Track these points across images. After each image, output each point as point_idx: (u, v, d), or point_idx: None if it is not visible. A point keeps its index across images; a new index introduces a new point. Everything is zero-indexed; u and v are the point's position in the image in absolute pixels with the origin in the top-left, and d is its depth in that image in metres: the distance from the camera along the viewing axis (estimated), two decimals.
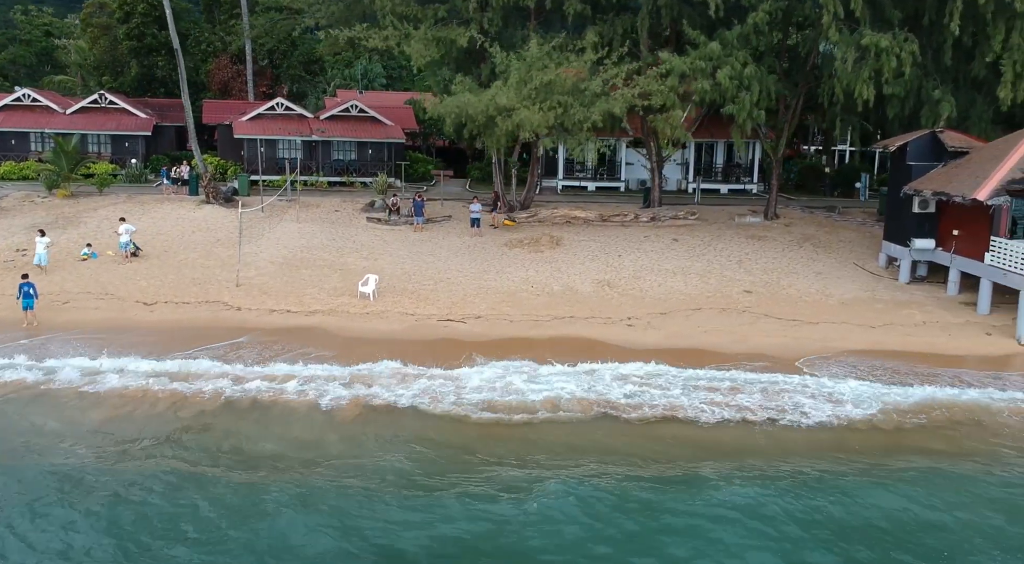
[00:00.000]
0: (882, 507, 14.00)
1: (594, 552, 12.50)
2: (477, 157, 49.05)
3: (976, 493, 14.61)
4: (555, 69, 27.84)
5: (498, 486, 14.38)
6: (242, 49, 50.76)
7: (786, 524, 13.31)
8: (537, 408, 17.77)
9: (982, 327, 23.84)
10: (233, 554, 12.17)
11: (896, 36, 27.16)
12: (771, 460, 15.71)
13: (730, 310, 25.39)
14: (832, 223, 35.96)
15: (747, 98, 29.53)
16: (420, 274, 27.94)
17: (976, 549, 12.83)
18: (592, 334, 22.98)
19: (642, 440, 16.57)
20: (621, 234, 33.40)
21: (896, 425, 17.54)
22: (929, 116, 28.27)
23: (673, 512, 13.61)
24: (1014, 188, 23.48)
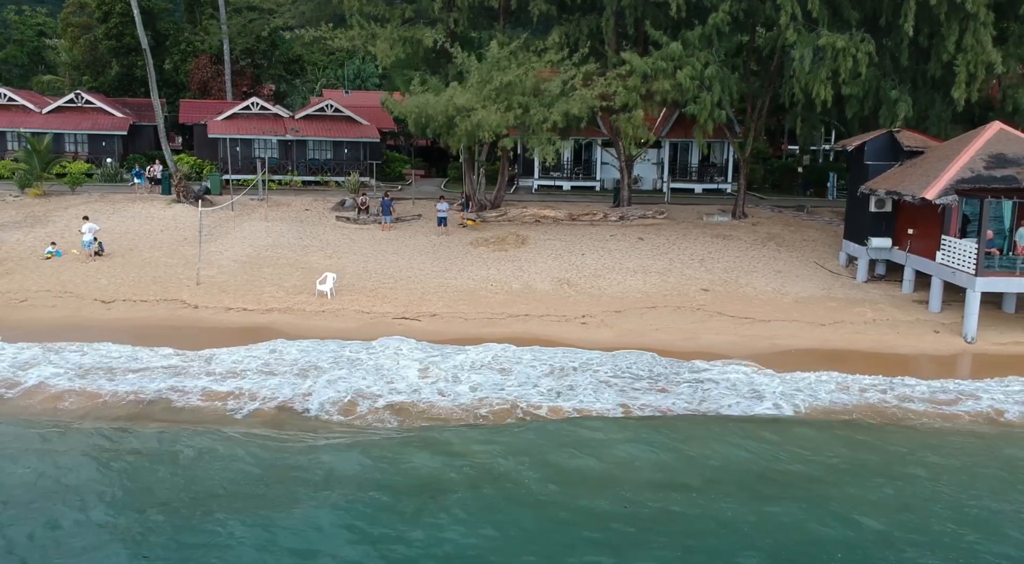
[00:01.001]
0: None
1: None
2: (458, 157, 49.32)
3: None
4: (516, 70, 28.05)
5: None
6: (222, 49, 50.86)
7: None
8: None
9: (931, 325, 24.10)
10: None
11: (853, 37, 27.41)
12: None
13: (685, 308, 25.64)
14: (799, 222, 36.21)
15: (708, 98, 29.76)
16: (381, 273, 28.17)
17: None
18: (544, 332, 23.21)
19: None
20: (588, 233, 33.62)
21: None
22: (887, 116, 28.53)
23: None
24: (963, 188, 23.73)
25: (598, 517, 13.09)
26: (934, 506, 13.79)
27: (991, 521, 13.42)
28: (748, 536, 12.70)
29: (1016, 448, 16.34)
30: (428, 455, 15.03)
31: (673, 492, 14.00)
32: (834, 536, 12.77)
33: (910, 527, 13.11)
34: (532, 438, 16.13)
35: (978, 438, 16.86)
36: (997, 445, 16.47)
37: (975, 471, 15.18)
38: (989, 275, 22.82)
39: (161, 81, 55.51)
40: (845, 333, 23.59)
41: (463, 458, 14.98)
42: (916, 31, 27.49)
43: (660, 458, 15.33)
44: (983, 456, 15.90)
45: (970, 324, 22.86)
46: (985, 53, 26.28)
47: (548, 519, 13.00)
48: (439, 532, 12.52)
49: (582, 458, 15.15)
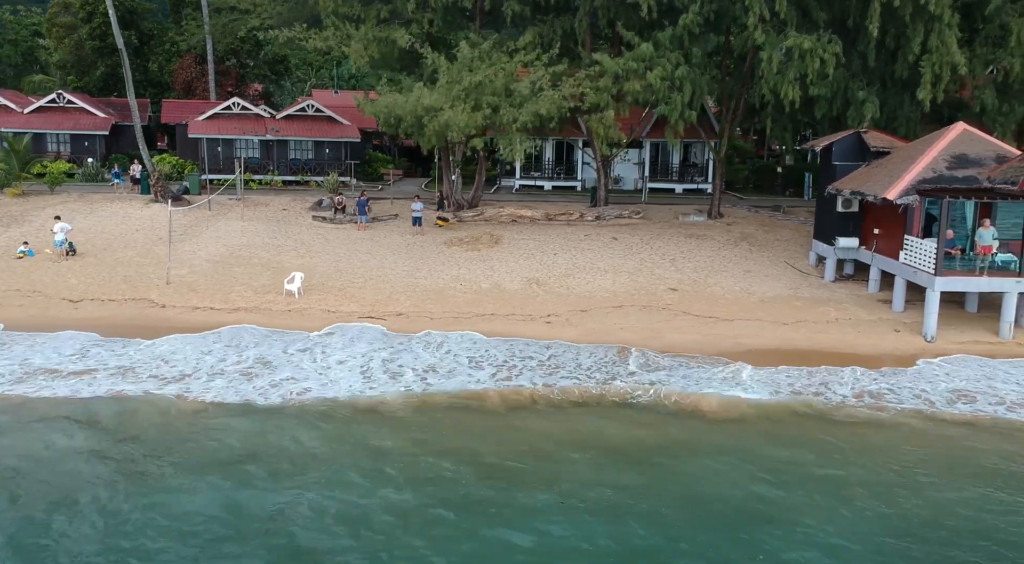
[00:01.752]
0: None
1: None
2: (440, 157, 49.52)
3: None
4: (485, 70, 28.22)
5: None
6: (205, 49, 50.96)
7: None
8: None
9: (893, 324, 24.30)
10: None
11: (821, 38, 27.60)
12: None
13: (651, 307, 25.82)
14: (773, 222, 36.42)
15: (678, 98, 29.95)
16: (352, 272, 28.33)
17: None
18: (508, 330, 23.39)
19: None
20: (563, 233, 33.80)
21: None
22: (855, 117, 28.74)
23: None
24: (924, 188, 23.93)
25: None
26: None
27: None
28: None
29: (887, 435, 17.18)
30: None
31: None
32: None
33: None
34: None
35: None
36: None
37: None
38: (948, 275, 23.01)
39: (146, 81, 55.76)
40: (807, 332, 23.77)
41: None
42: (883, 32, 27.72)
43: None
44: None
45: (930, 323, 23.05)
46: (950, 54, 26.48)
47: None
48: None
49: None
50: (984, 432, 17.64)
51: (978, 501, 14.47)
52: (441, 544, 12.64)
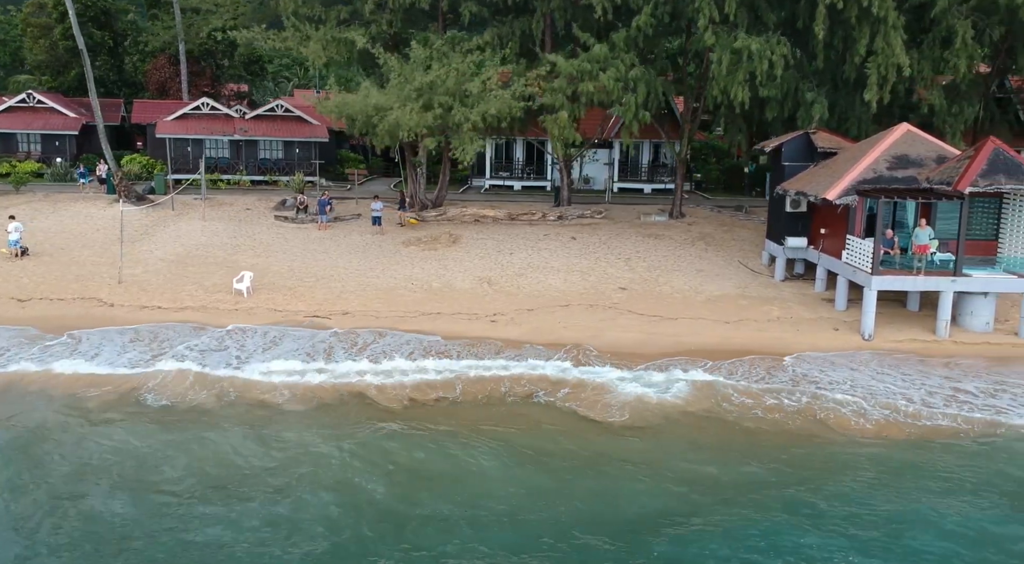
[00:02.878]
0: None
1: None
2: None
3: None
4: (437, 70, 28.44)
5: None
6: (180, 49, 51.07)
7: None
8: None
9: (833, 323, 24.57)
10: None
11: (769, 39, 27.86)
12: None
13: (598, 306, 26.06)
14: (734, 222, 36.70)
15: (632, 99, 30.19)
16: (305, 271, 28.54)
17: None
18: (452, 329, 23.62)
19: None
20: (523, 232, 34.04)
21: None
22: (805, 117, 29.01)
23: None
24: (863, 188, 24.20)
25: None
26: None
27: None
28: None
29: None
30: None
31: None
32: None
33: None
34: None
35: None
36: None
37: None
38: (884, 274, 23.29)
39: (120, 81, 55.97)
40: (747, 331, 24.03)
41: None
42: (831, 34, 27.99)
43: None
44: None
45: (867, 322, 23.33)
46: (895, 56, 26.75)
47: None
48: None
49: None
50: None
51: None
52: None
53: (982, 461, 16.46)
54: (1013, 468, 16.24)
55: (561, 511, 14.11)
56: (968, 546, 13.18)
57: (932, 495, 14.99)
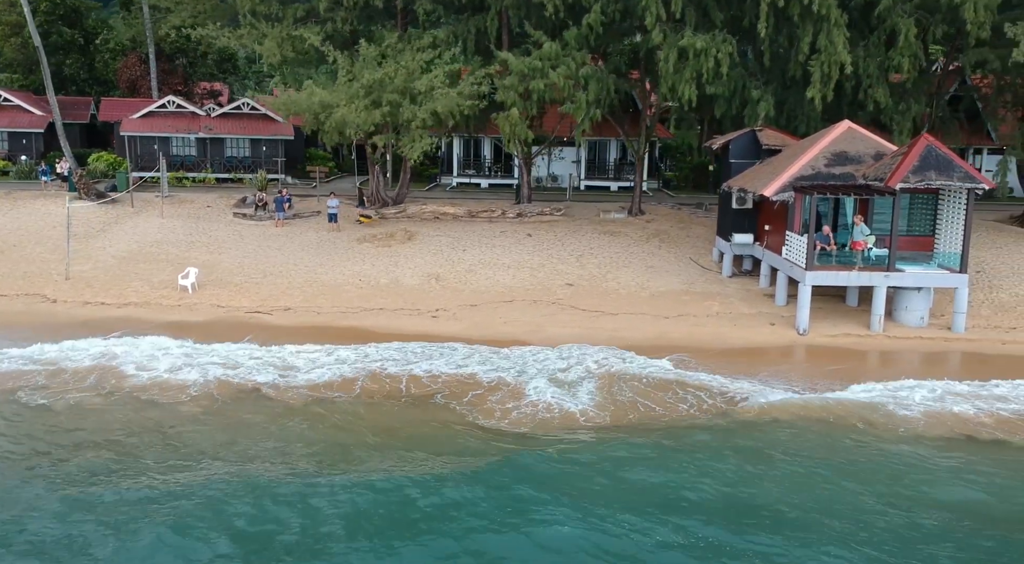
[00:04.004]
0: None
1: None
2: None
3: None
4: (385, 67, 28.59)
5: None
6: (154, 47, 51.02)
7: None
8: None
9: (771, 318, 24.83)
10: None
11: (715, 37, 28.08)
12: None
13: (542, 302, 26.28)
14: (692, 219, 36.91)
15: (583, 97, 30.38)
16: (254, 268, 28.70)
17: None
18: (390, 325, 23.81)
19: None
20: (480, 229, 34.22)
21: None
22: (751, 115, 29.24)
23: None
24: (800, 185, 24.43)
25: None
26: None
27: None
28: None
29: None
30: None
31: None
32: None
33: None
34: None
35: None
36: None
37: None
38: (818, 270, 23.54)
39: (91, 79, 55.95)
40: (685, 326, 24.28)
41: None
42: (776, 32, 28.23)
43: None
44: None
45: (802, 317, 23.58)
46: (837, 54, 26.98)
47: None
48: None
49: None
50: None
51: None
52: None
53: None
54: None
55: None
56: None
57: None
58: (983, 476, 15.25)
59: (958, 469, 15.55)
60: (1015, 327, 23.76)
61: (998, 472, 15.44)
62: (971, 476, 15.26)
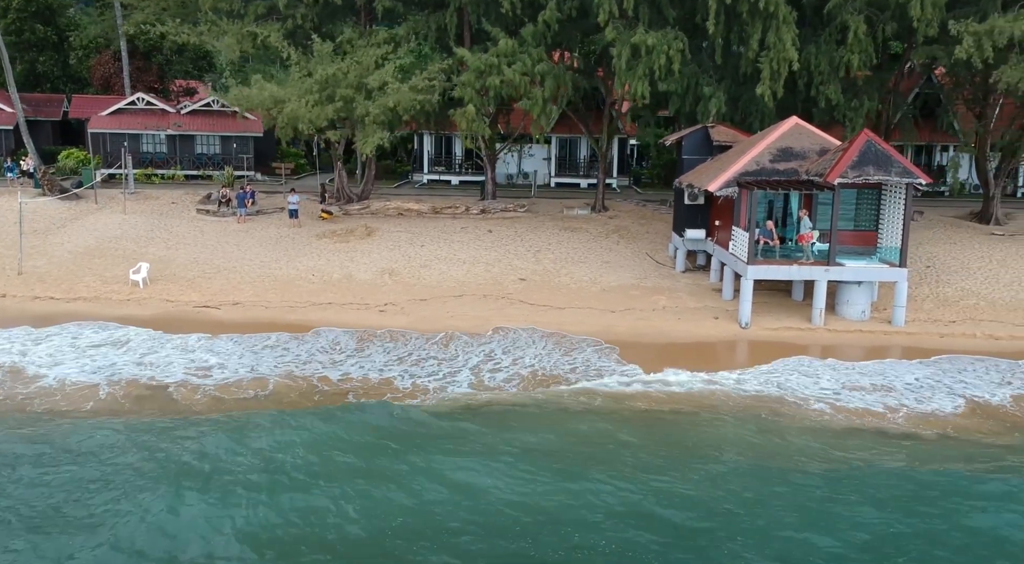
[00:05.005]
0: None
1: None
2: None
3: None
4: (339, 63, 28.76)
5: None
6: (130, 44, 51.09)
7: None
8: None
9: (717, 312, 25.05)
10: None
11: (667, 34, 28.30)
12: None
13: (492, 297, 26.49)
14: (654, 215, 37.12)
15: (539, 93, 30.59)
16: (209, 263, 28.86)
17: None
18: (337, 319, 23.97)
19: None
20: (442, 225, 34.40)
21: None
22: (703, 112, 29.48)
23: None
24: (745, 180, 24.68)
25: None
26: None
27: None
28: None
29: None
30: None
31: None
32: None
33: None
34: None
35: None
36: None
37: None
38: (760, 264, 23.79)
39: (65, 77, 55.99)
40: (630, 320, 24.50)
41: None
42: (728, 29, 28.46)
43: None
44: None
45: (744, 310, 23.82)
46: (785, 51, 27.23)
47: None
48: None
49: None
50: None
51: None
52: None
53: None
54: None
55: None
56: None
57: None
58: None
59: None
60: (954, 321, 24.03)
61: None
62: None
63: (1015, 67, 25.18)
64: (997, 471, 15.16)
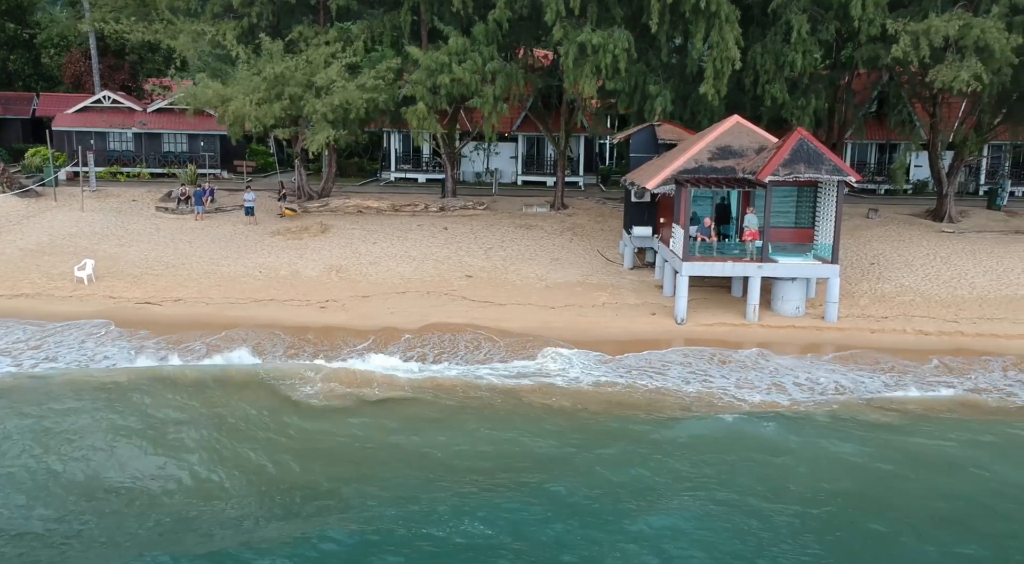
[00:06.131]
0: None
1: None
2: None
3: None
4: (288, 61, 28.96)
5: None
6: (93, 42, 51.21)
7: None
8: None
9: (657, 308, 25.29)
10: None
11: (612, 33, 28.50)
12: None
13: (435, 293, 26.71)
14: (612, 213, 37.29)
15: (490, 91, 30.79)
16: (158, 260, 29.02)
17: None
18: (277, 315, 24.17)
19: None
20: (398, 223, 34.57)
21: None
22: (649, 110, 29.71)
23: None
24: (683, 178, 24.90)
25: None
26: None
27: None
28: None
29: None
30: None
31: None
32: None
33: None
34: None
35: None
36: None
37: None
38: (694, 260, 24.04)
39: (37, 75, 56.10)
40: (569, 316, 24.73)
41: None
42: (673, 28, 28.68)
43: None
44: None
45: (680, 306, 24.07)
46: (728, 50, 27.44)
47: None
48: None
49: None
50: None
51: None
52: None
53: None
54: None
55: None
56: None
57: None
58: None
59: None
60: (886, 316, 24.31)
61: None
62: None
63: (950, 66, 25.42)
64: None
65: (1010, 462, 16.01)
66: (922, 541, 13.08)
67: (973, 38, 24.77)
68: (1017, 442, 16.94)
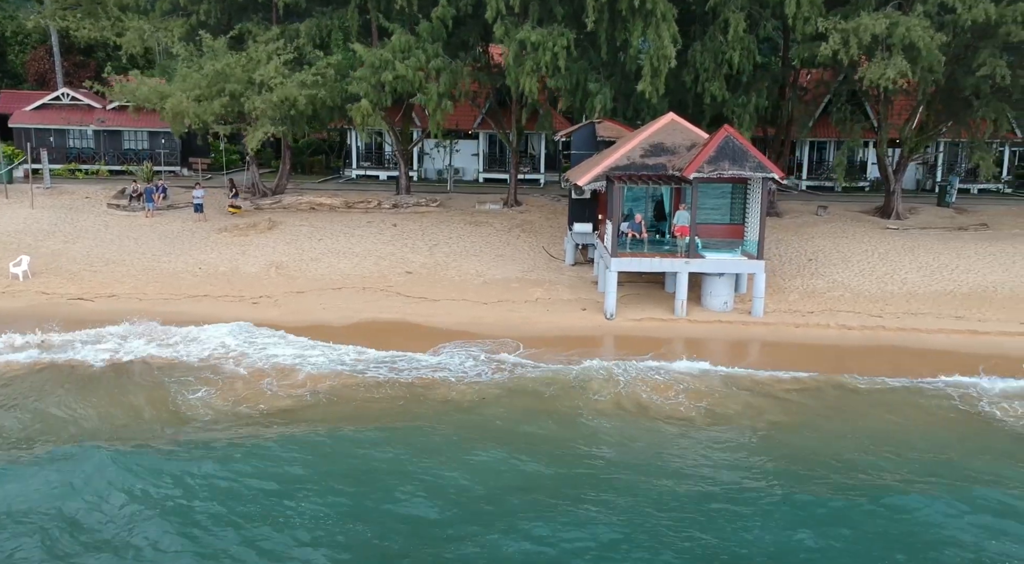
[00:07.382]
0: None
1: None
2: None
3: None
4: (229, 58, 29.08)
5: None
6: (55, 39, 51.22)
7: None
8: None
9: (588, 304, 25.49)
10: None
11: (552, 31, 28.69)
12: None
13: (371, 289, 26.87)
14: (562, 210, 37.45)
15: (433, 88, 30.95)
16: (101, 257, 29.11)
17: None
18: (206, 312, 24.25)
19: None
20: (348, 220, 34.68)
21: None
22: (590, 108, 29.91)
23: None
24: (615, 174, 25.11)
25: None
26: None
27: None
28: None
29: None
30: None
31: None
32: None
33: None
34: None
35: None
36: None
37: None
38: (622, 256, 24.26)
39: (2, 72, 56.05)
40: (501, 311, 24.91)
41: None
42: (612, 26, 28.87)
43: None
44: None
45: (609, 302, 24.27)
46: (664, 48, 27.64)
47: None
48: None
49: None
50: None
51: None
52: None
53: None
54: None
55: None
56: None
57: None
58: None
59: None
60: (812, 312, 24.55)
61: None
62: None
63: (877, 64, 25.69)
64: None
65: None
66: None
67: (899, 36, 25.04)
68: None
